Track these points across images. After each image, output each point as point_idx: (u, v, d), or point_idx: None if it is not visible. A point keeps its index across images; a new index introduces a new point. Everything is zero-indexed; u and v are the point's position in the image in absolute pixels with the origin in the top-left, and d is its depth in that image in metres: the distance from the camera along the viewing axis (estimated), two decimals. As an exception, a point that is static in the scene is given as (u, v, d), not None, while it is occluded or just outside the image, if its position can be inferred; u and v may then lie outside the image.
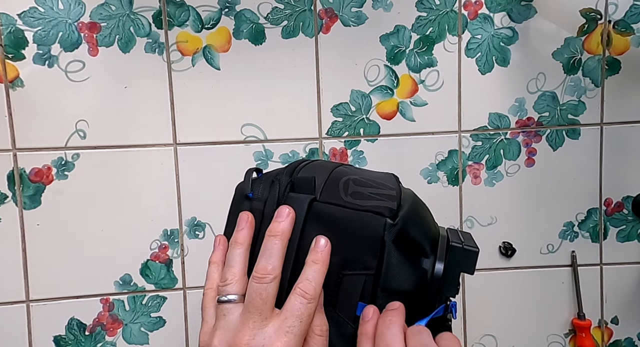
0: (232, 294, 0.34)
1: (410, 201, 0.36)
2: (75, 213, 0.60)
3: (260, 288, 0.33)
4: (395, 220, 0.34)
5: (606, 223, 0.65)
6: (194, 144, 0.61)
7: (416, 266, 0.35)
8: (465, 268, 0.35)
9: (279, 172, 0.39)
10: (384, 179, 0.39)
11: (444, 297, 0.35)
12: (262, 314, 0.33)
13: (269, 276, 0.33)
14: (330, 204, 0.35)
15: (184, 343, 0.63)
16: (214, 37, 0.60)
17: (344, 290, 0.35)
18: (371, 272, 0.34)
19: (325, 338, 0.34)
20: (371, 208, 0.35)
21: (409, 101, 0.63)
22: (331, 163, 0.41)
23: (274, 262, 0.34)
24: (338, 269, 0.35)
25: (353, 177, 0.37)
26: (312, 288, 0.33)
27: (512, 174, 0.64)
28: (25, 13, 0.57)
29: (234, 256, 0.36)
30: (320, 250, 0.34)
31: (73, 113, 0.59)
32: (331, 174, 0.38)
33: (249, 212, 0.37)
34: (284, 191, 0.37)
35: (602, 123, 0.64)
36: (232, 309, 0.34)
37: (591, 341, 0.64)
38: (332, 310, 0.35)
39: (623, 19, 0.63)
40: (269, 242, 0.34)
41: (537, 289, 0.65)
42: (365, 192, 0.36)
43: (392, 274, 0.34)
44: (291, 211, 0.35)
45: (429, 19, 0.62)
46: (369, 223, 0.34)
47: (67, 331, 0.61)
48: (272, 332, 0.32)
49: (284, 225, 0.35)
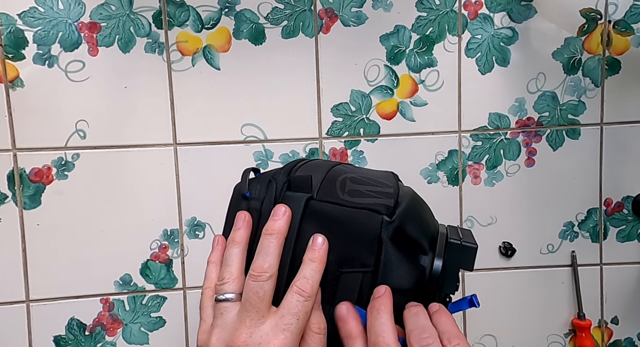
0: (230, 292, 0.34)
1: (408, 199, 0.36)
2: (75, 213, 0.60)
3: (256, 286, 0.33)
4: (393, 217, 0.34)
5: (606, 223, 0.65)
6: (194, 144, 0.61)
7: (414, 263, 0.35)
8: (464, 265, 0.35)
9: (276, 172, 0.39)
10: (382, 177, 0.39)
11: (443, 294, 0.35)
12: (259, 312, 0.33)
13: (266, 274, 0.33)
14: (327, 202, 0.35)
15: (184, 343, 0.63)
16: (214, 37, 0.60)
17: (341, 288, 0.35)
18: (369, 270, 0.34)
19: (323, 336, 0.34)
20: (368, 206, 0.35)
21: (409, 101, 0.63)
22: (329, 162, 0.41)
23: (271, 260, 0.34)
24: (335, 266, 0.35)
25: (350, 176, 0.37)
26: (309, 286, 0.33)
27: (512, 174, 0.64)
28: (25, 13, 0.57)
29: (231, 255, 0.36)
30: (317, 248, 0.34)
31: (73, 113, 0.59)
32: (328, 172, 0.38)
33: (246, 212, 0.37)
34: (281, 190, 0.37)
35: (602, 123, 0.64)
36: (229, 307, 0.34)
37: (591, 341, 0.64)
38: (329, 308, 0.35)
39: (623, 19, 0.63)
40: (265, 240, 0.35)
41: (537, 289, 0.65)
42: (362, 190, 0.36)
43: (390, 272, 0.34)
44: (287, 209, 0.35)
45: (429, 19, 0.62)
46: (366, 221, 0.34)
47: (67, 331, 0.61)
48: (269, 329, 0.32)
49: (280, 223, 0.35)
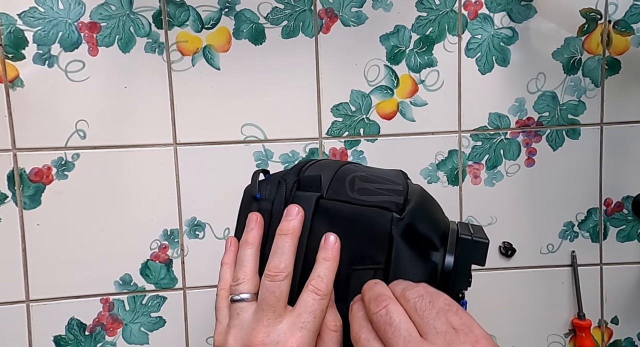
0: (245, 292, 0.35)
1: (417, 196, 0.36)
2: (75, 213, 0.60)
3: (273, 286, 0.33)
4: (402, 214, 0.34)
5: (606, 223, 0.65)
6: (194, 144, 0.61)
7: (426, 259, 0.35)
8: (475, 260, 0.35)
9: (285, 173, 0.39)
10: (391, 175, 0.39)
11: (455, 290, 0.35)
12: (275, 311, 0.33)
13: (282, 274, 0.34)
14: (336, 200, 0.36)
15: (184, 343, 0.63)
16: (214, 37, 0.60)
17: (353, 285, 0.35)
18: (380, 267, 0.34)
19: (340, 333, 0.34)
20: (378, 203, 0.35)
21: (409, 101, 0.63)
22: (338, 161, 0.41)
23: (286, 260, 0.34)
24: (347, 264, 0.35)
25: (359, 174, 0.38)
26: (324, 285, 0.34)
27: (512, 174, 0.64)
28: (25, 13, 0.57)
29: (245, 255, 0.36)
30: (330, 247, 0.35)
31: (73, 113, 0.59)
32: (337, 171, 0.38)
33: (257, 213, 0.38)
34: (291, 190, 0.37)
35: (602, 123, 0.64)
36: (245, 307, 0.34)
37: (591, 341, 0.64)
38: (342, 305, 0.35)
39: (623, 19, 0.63)
40: (280, 240, 0.35)
41: (537, 289, 0.65)
42: (371, 188, 0.36)
43: (402, 268, 0.34)
44: (300, 209, 0.36)
45: (429, 19, 0.62)
46: (376, 218, 0.34)
47: (67, 331, 0.61)
48: (286, 328, 0.32)
49: (294, 223, 0.35)
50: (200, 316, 0.63)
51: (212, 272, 0.39)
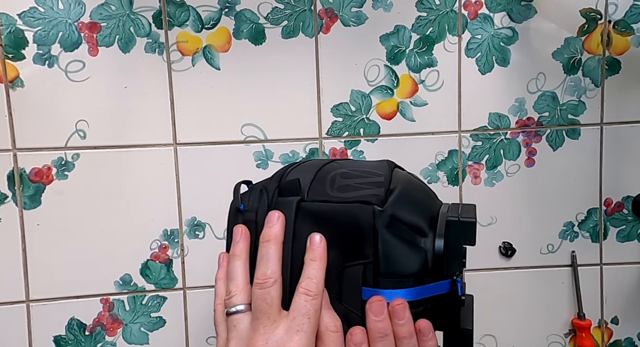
0: (239, 304, 0.35)
1: (401, 184, 0.36)
2: (75, 213, 0.60)
3: (263, 293, 0.34)
4: (384, 206, 0.34)
5: (606, 223, 0.65)
6: (194, 144, 0.61)
7: (415, 247, 0.35)
8: (466, 240, 0.35)
9: (267, 181, 0.39)
10: (374, 167, 0.39)
11: (450, 272, 0.35)
12: (270, 317, 0.33)
13: (270, 280, 0.34)
14: (318, 201, 0.36)
15: (184, 343, 0.63)
16: (214, 37, 0.60)
17: (346, 282, 0.35)
18: (369, 261, 0.34)
19: (341, 334, 0.34)
20: (358, 198, 0.35)
21: (409, 101, 0.63)
22: (320, 161, 0.41)
23: (272, 266, 0.35)
24: (338, 263, 0.35)
25: (340, 171, 0.38)
26: (314, 285, 0.34)
27: (512, 174, 0.64)
28: (25, 13, 0.57)
29: (234, 268, 0.37)
30: (315, 247, 0.35)
31: (73, 113, 0.59)
32: (318, 172, 0.38)
33: (242, 225, 0.38)
34: (272, 198, 0.38)
35: (602, 123, 0.64)
36: (241, 318, 0.35)
37: (591, 341, 0.64)
38: (338, 304, 0.35)
39: (623, 19, 0.63)
40: (264, 248, 0.35)
41: (537, 289, 0.65)
42: (352, 183, 0.36)
43: (392, 259, 0.34)
44: (280, 214, 0.36)
45: (429, 19, 0.62)
46: (358, 213, 0.34)
47: (67, 331, 0.61)
48: (283, 333, 0.33)
49: (276, 229, 0.36)
50: (200, 316, 0.63)
51: (212, 272, 0.39)
